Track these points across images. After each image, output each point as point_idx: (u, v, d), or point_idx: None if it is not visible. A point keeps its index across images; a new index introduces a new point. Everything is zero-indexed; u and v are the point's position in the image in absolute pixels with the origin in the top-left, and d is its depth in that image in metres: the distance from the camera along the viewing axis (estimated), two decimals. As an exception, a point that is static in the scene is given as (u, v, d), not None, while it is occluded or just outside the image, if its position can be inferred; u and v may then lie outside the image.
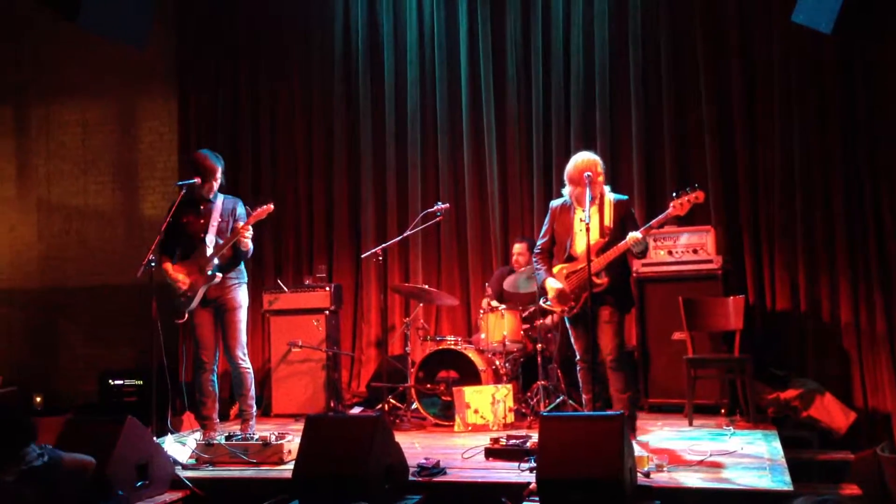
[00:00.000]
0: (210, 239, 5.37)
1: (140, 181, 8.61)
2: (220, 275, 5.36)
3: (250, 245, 5.40)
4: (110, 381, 7.57)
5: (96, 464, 3.83)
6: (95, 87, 8.70)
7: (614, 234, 4.91)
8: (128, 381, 7.54)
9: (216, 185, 5.49)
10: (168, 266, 5.44)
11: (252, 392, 5.55)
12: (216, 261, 5.36)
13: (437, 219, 6.56)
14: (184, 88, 8.22)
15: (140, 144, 8.62)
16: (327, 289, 7.02)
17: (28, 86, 8.90)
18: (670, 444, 4.91)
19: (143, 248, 7.30)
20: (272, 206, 5.36)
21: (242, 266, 5.59)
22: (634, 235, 4.76)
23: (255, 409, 5.59)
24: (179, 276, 5.38)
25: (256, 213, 5.31)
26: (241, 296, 5.51)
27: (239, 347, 5.45)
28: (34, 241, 8.84)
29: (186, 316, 5.46)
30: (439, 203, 6.53)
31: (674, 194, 4.79)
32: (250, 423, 5.50)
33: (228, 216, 5.49)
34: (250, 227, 5.32)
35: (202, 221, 5.44)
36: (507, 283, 6.27)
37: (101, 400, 7.57)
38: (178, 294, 5.39)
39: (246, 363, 5.50)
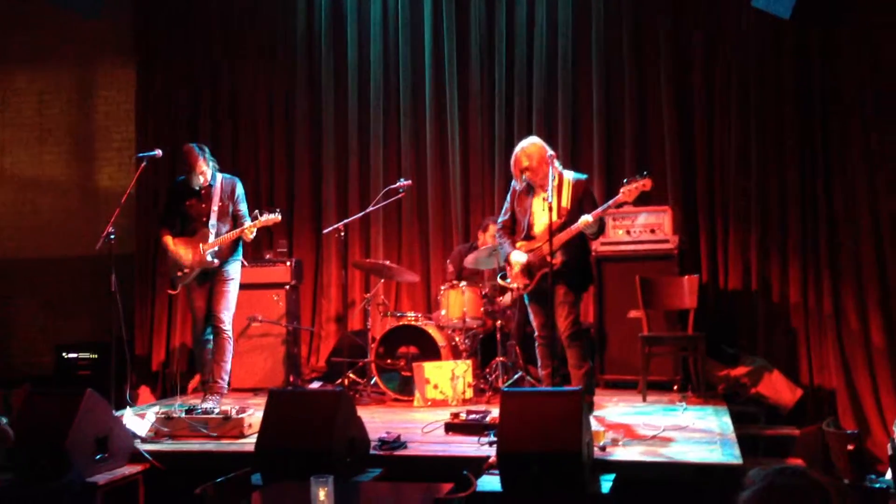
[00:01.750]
0: (213, 223, 5.65)
1: (96, 152, 8.48)
2: (217, 262, 5.65)
3: (252, 237, 5.69)
4: (65, 354, 7.48)
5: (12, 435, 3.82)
6: (51, 56, 8.53)
7: (571, 215, 5.01)
8: (83, 354, 7.46)
9: (203, 176, 5.69)
10: (168, 239, 5.73)
11: (227, 364, 5.77)
12: (217, 248, 5.63)
13: (400, 195, 6.58)
14: (141, 58, 8.09)
15: (96, 114, 8.48)
16: (288, 264, 7.01)
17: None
18: (626, 419, 5.03)
19: (99, 221, 7.22)
20: (279, 218, 5.63)
21: (239, 248, 5.88)
22: (585, 219, 4.90)
23: (226, 380, 5.78)
24: (180, 249, 5.66)
25: (264, 220, 5.58)
26: (236, 270, 5.83)
27: (225, 312, 5.74)
28: (-13, 211, 8.67)
29: (179, 288, 5.74)
30: (402, 180, 6.55)
31: (624, 181, 4.94)
32: (217, 395, 5.63)
33: (228, 199, 5.76)
34: (255, 230, 5.60)
35: (204, 206, 5.71)
36: (468, 261, 6.33)
37: (56, 373, 7.48)
38: (177, 267, 5.65)
39: (229, 330, 5.76)
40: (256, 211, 5.69)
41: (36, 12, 8.34)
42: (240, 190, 5.84)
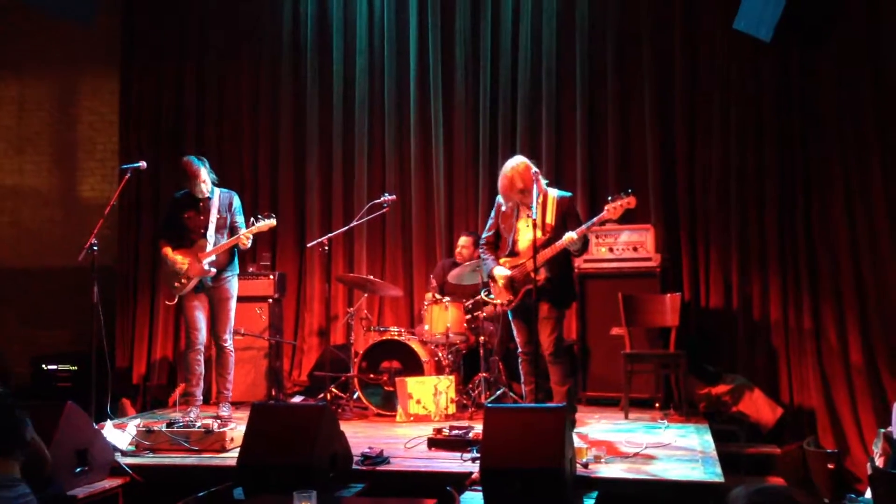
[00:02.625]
0: (210, 234, 5.75)
1: (79, 162, 8.43)
2: (214, 270, 5.75)
3: (249, 243, 5.79)
4: (44, 365, 7.41)
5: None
6: (33, 65, 8.48)
7: (556, 232, 5.05)
8: (62, 366, 7.39)
9: (205, 186, 5.82)
10: (168, 251, 5.82)
11: (231, 375, 5.98)
12: (214, 257, 5.72)
13: (384, 210, 6.59)
14: (126, 68, 8.05)
15: (79, 125, 8.44)
16: (271, 277, 7.00)
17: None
18: (608, 436, 5.04)
19: (81, 231, 7.17)
20: (274, 223, 5.80)
21: (236, 261, 5.99)
22: (570, 236, 4.94)
23: (230, 392, 5.98)
24: (178, 258, 5.75)
25: (259, 226, 5.72)
26: (233, 287, 5.96)
27: (226, 331, 5.92)
28: (-35, 220, 8.58)
29: (176, 299, 5.84)
30: (386, 194, 6.56)
31: (609, 198, 4.99)
32: (226, 404, 5.87)
33: (226, 211, 5.89)
34: (251, 236, 5.73)
35: (202, 218, 5.82)
36: (452, 276, 6.34)
37: (34, 384, 7.40)
38: (178, 276, 5.73)
39: (230, 345, 5.95)
40: (253, 218, 5.79)
41: (20, 20, 8.30)
42: (237, 203, 5.98)
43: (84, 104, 8.42)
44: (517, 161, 5.21)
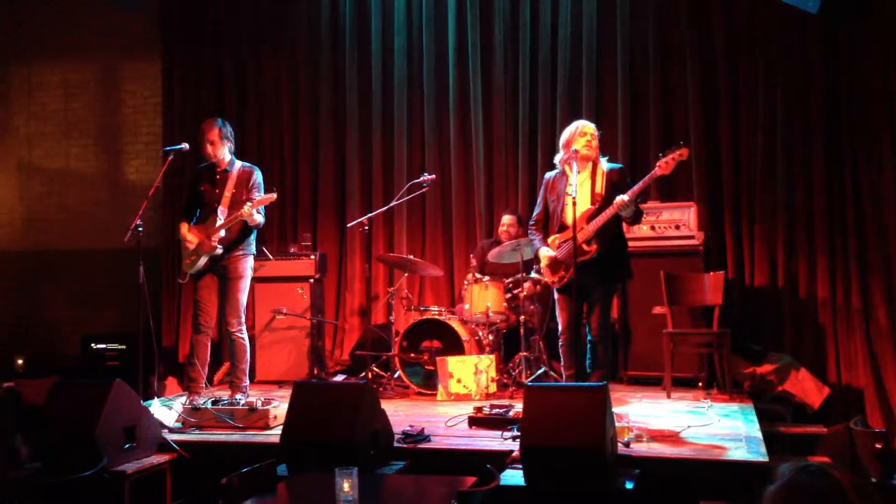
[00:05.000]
0: (222, 209, 5.40)
1: (123, 146, 8.56)
2: (220, 248, 5.36)
3: (259, 220, 5.42)
4: (93, 344, 7.56)
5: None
6: (78, 49, 8.61)
7: (605, 202, 4.96)
8: (110, 345, 7.53)
9: (221, 148, 5.49)
10: (183, 226, 5.48)
11: (245, 364, 5.52)
12: (222, 233, 5.36)
13: (423, 189, 6.58)
14: (168, 51, 8.15)
15: (123, 108, 8.56)
16: (312, 257, 7.05)
17: (9, 46, 8.77)
18: (650, 415, 5.00)
19: (126, 213, 7.28)
20: (275, 196, 5.35)
21: (252, 238, 5.59)
22: (621, 198, 4.82)
23: (246, 381, 5.53)
24: (189, 235, 5.43)
25: (259, 199, 5.30)
26: (245, 266, 5.52)
27: (234, 316, 5.44)
28: (15, 202, 8.78)
29: (188, 278, 5.51)
30: (426, 174, 6.56)
31: (659, 154, 4.88)
32: (238, 394, 5.46)
33: (243, 186, 5.47)
34: (253, 210, 5.30)
35: (217, 191, 5.46)
36: (492, 255, 6.32)
37: (84, 363, 7.57)
38: (186, 255, 5.45)
39: (241, 333, 5.48)
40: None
41: (63, 5, 8.43)
42: (256, 178, 5.55)
43: (127, 88, 8.54)
44: (580, 121, 5.21)
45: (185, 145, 5.59)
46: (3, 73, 8.82)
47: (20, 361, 8.06)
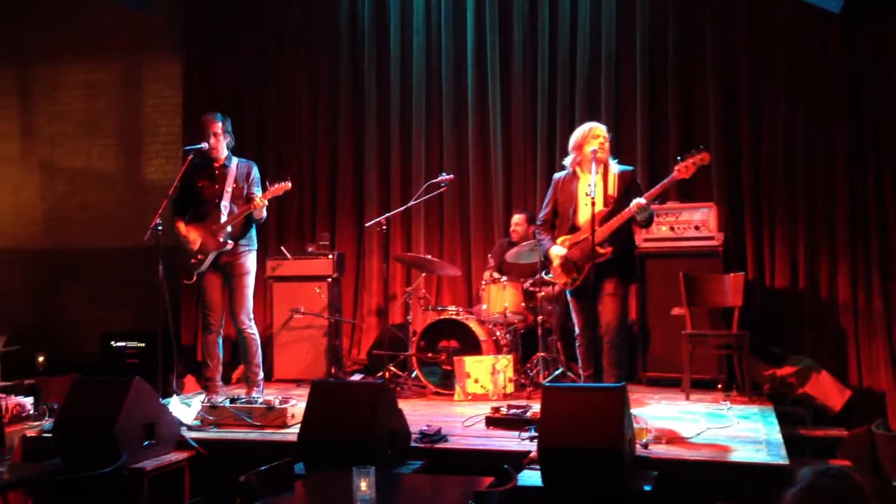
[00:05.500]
0: (225, 205, 5.41)
1: (143, 145, 8.62)
2: (231, 243, 5.40)
3: (264, 214, 5.47)
4: (112, 342, 7.62)
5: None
6: (99, 49, 8.67)
7: (618, 204, 4.94)
8: (130, 344, 7.58)
9: (222, 143, 5.52)
10: (181, 225, 5.50)
11: (257, 359, 5.59)
12: (229, 228, 5.40)
13: (441, 189, 6.58)
14: (189, 52, 8.20)
15: (144, 108, 8.61)
16: (330, 256, 7.06)
17: (31, 46, 8.86)
18: (668, 417, 4.97)
19: (146, 212, 7.32)
20: (289, 185, 5.39)
21: (253, 233, 5.64)
22: (638, 201, 4.80)
23: (260, 375, 5.62)
24: (191, 234, 5.44)
25: (273, 189, 5.34)
26: (250, 262, 5.57)
27: (244, 312, 5.50)
28: (37, 202, 8.87)
29: (195, 278, 5.52)
30: (444, 174, 6.56)
31: (678, 158, 4.83)
32: (256, 389, 5.55)
33: (243, 181, 5.51)
34: (266, 201, 5.34)
35: (217, 187, 5.47)
36: (509, 255, 6.31)
37: (103, 361, 7.62)
38: (190, 254, 5.44)
39: (251, 329, 5.55)
40: (267, 182, 5.51)
41: (83, 6, 8.51)
42: (255, 173, 5.60)
43: (148, 88, 8.60)
44: (590, 122, 5.18)
45: (205, 145, 5.60)
46: (27, 73, 8.91)
47: (41, 359, 8.13)
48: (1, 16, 8.90)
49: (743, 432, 4.51)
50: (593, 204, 4.72)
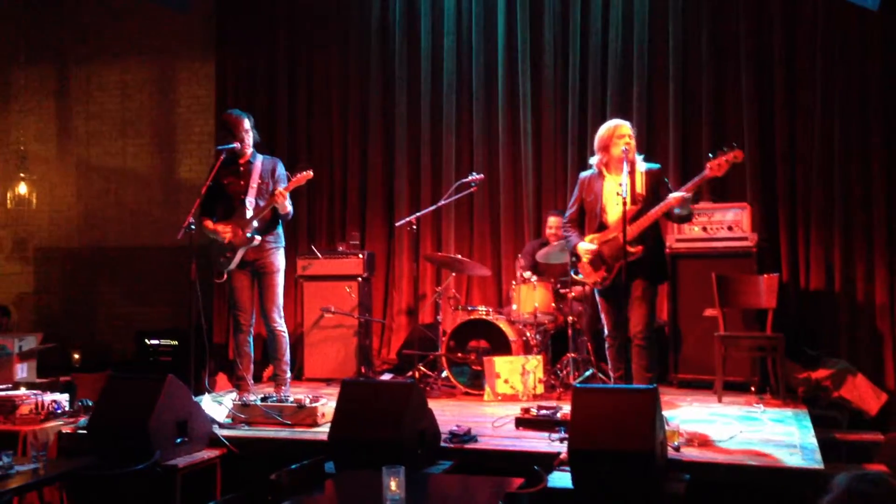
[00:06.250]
0: (250, 201, 5.47)
1: (177, 144, 8.72)
2: (258, 238, 5.46)
3: (290, 208, 5.51)
4: (146, 340, 7.71)
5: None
6: (135, 50, 8.81)
7: (646, 202, 4.90)
8: (163, 341, 7.67)
9: (248, 140, 5.56)
10: (209, 223, 5.56)
11: (287, 357, 5.67)
12: (255, 223, 5.45)
13: (472, 189, 6.57)
14: (221, 53, 8.28)
15: (178, 108, 8.71)
16: (360, 256, 7.09)
17: (69, 48, 9.01)
18: (701, 419, 4.92)
19: (179, 211, 7.44)
20: (311, 173, 5.45)
21: (280, 230, 5.68)
22: (678, 194, 4.73)
23: (289, 373, 5.69)
24: (220, 227, 5.50)
25: (296, 178, 5.40)
26: (279, 260, 5.63)
27: (275, 310, 5.57)
28: (73, 201, 9.01)
29: (225, 276, 5.58)
30: (474, 174, 6.55)
31: (710, 155, 4.77)
32: (283, 387, 5.60)
33: (268, 177, 5.56)
34: (287, 194, 5.40)
35: (242, 183, 5.53)
36: (540, 255, 6.29)
37: (137, 358, 7.72)
38: (221, 250, 5.49)
39: (281, 326, 5.62)
40: (288, 172, 5.54)
41: (122, 7, 8.63)
42: (281, 169, 5.63)
43: (181, 88, 8.70)
44: (614, 120, 5.12)
45: (237, 144, 5.66)
46: (65, 74, 9.06)
47: (76, 356, 8.26)
48: (46, 19, 9.05)
49: (777, 436, 4.45)
50: (625, 203, 4.67)
